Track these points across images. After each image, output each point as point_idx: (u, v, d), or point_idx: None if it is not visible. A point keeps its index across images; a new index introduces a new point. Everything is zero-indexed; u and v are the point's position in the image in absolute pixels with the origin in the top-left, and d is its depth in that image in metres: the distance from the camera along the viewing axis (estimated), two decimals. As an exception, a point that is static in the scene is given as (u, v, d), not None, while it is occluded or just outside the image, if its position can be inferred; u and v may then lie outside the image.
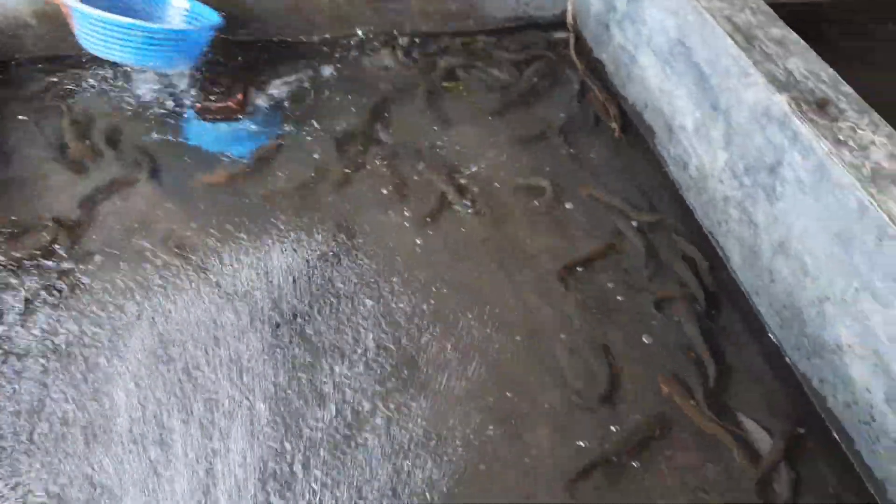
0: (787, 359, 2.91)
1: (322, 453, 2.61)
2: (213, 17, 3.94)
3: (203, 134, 3.80)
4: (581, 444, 2.69)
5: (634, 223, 3.50)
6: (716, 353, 2.96)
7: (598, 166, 3.85)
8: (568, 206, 3.62)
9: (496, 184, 3.72)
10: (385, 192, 3.64)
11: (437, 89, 4.28)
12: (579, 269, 3.30)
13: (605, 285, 3.25)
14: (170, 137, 3.80)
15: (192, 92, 3.99)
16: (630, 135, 4.02)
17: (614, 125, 4.02)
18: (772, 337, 2.99)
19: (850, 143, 2.52)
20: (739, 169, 3.06)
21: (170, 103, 3.96)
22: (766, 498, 2.55)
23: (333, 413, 2.73)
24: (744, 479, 2.62)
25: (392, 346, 2.96)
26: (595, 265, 3.34)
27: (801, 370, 2.84)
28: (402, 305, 3.11)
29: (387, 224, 3.48)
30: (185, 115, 3.90)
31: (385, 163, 3.78)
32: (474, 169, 3.78)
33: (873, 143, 2.51)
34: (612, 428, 2.73)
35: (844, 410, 2.61)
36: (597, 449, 2.67)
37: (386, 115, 4.09)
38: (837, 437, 2.67)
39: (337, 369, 2.86)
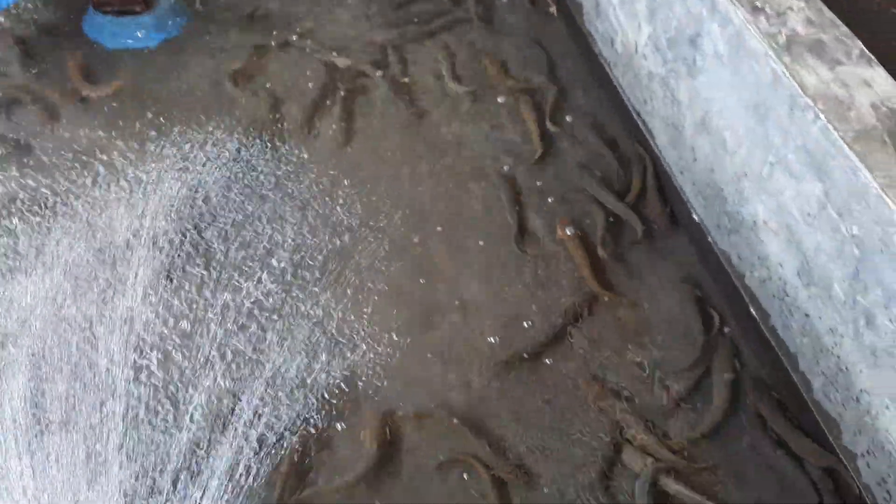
0: (709, 238, 2.88)
1: (236, 347, 2.58)
2: None
3: (103, 28, 3.54)
4: (492, 339, 2.67)
5: (568, 118, 3.38)
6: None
7: (525, 49, 3.68)
8: (500, 99, 3.47)
9: (419, 73, 3.56)
10: (303, 82, 3.47)
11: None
12: (506, 167, 3.19)
13: (534, 183, 3.15)
14: (65, 35, 3.57)
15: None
16: (562, 12, 3.85)
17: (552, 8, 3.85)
18: (695, 217, 2.94)
19: (767, 9, 2.40)
20: (662, 43, 2.93)
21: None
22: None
23: (249, 304, 2.68)
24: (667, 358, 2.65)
25: (310, 241, 2.88)
26: (521, 159, 3.23)
27: (721, 248, 2.81)
28: (320, 200, 3.02)
29: (304, 116, 3.33)
30: (85, 9, 3.63)
31: (306, 49, 3.58)
32: (395, 56, 3.60)
33: (791, 8, 2.39)
34: (525, 324, 2.71)
35: (760, 286, 2.60)
36: (514, 342, 2.66)
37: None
38: (755, 314, 2.67)
39: (255, 268, 2.79)
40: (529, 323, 2.70)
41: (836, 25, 2.36)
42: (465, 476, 2.37)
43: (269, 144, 3.18)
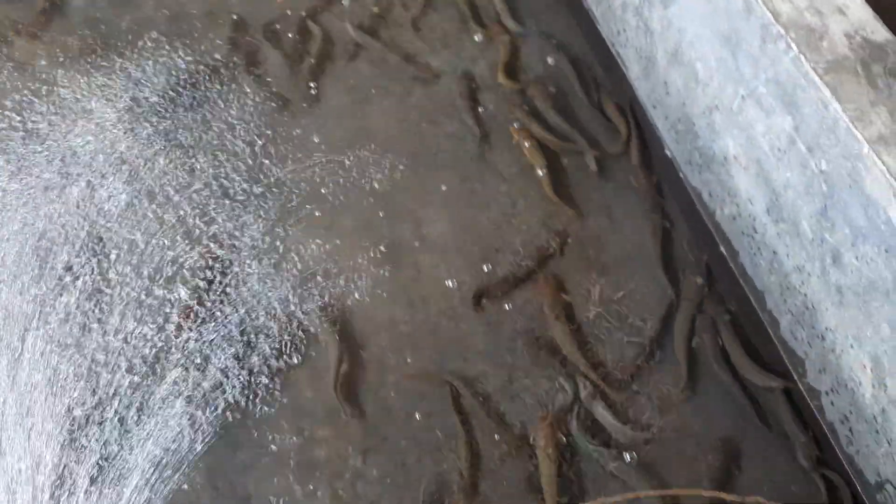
0: (680, 174, 2.81)
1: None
2: None
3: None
4: (449, 283, 2.63)
5: (551, 60, 3.26)
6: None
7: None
8: (476, 38, 3.32)
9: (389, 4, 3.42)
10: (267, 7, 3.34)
11: None
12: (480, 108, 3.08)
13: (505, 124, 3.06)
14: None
15: None
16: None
17: None
18: (667, 152, 2.87)
19: (742, -68, 2.28)
20: (635, -31, 2.81)
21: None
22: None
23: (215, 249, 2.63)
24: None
25: (279, 178, 2.82)
26: (491, 91, 3.13)
27: (693, 185, 2.75)
28: (283, 131, 2.95)
29: (270, 45, 3.22)
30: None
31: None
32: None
33: (766, -69, 2.27)
34: (486, 267, 2.66)
35: (730, 224, 2.55)
36: (475, 285, 2.62)
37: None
38: (724, 251, 2.63)
39: (220, 206, 2.73)
40: (489, 266, 2.65)
41: (813, -51, 2.25)
42: (417, 416, 2.36)
43: (232, 72, 3.08)
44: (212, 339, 2.43)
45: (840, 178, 1.92)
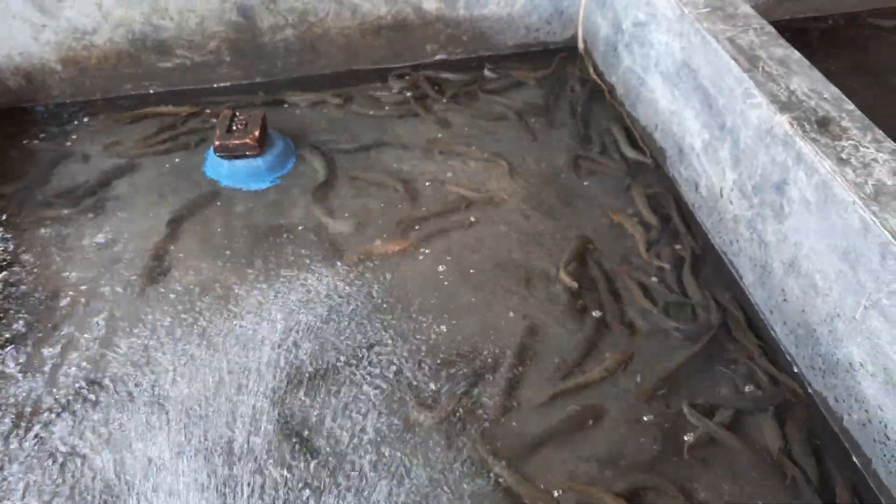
0: (803, 378, 2.88)
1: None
2: None
3: (220, 170, 3.89)
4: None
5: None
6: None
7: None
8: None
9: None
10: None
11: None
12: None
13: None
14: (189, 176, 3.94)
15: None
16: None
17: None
18: (787, 356, 2.96)
19: (853, 161, 2.52)
20: (748, 188, 3.06)
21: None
22: None
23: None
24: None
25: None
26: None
27: (815, 389, 2.81)
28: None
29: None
30: (205, 153, 4.01)
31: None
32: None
33: (875, 160, 2.51)
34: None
35: (860, 430, 2.58)
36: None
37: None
38: (855, 459, 2.63)
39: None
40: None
41: (922, 176, 2.47)
42: None
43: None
44: None
45: (976, 389, 2.00)
